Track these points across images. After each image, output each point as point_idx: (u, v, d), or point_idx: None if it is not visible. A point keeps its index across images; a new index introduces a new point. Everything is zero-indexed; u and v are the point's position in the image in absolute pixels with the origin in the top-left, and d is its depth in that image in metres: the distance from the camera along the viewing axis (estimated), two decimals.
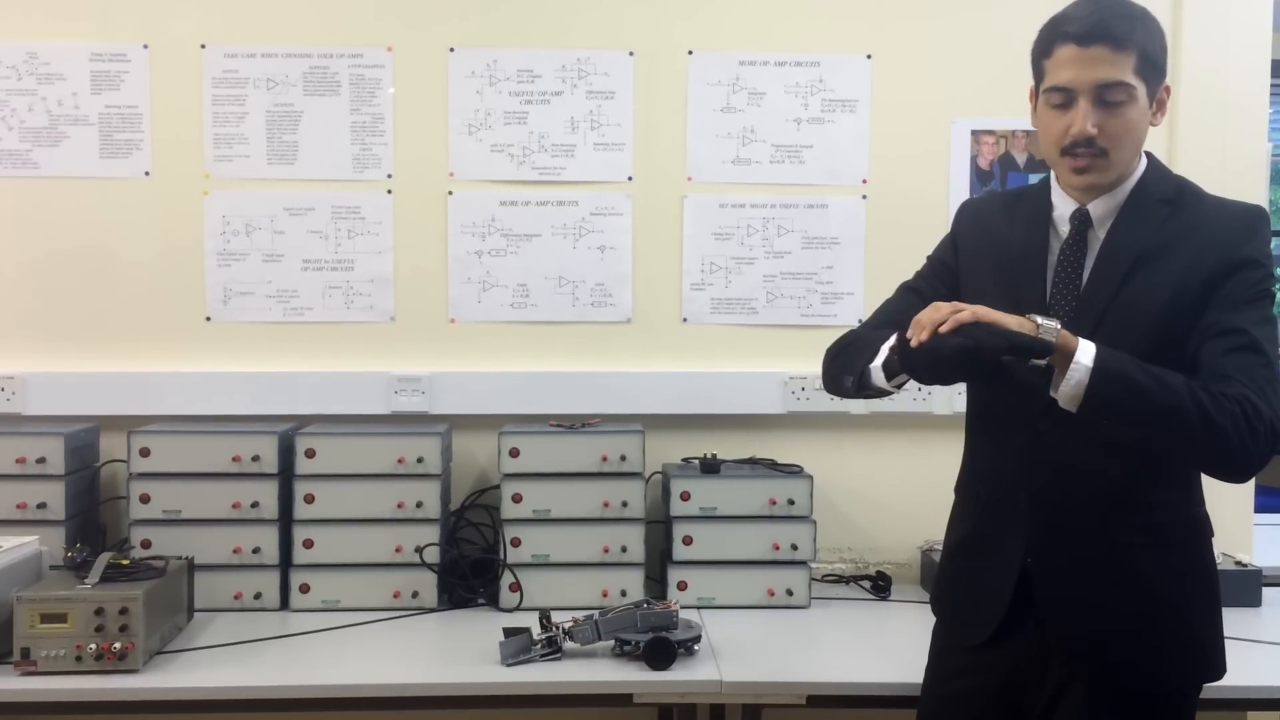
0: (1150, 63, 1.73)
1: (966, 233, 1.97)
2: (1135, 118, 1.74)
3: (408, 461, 2.56)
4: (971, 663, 1.86)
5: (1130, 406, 1.62)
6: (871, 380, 1.82)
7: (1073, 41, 1.71)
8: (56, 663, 2.09)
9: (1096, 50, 1.70)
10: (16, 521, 2.49)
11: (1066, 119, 1.74)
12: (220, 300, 2.82)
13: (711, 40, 2.85)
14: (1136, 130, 1.76)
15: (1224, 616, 1.83)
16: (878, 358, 1.80)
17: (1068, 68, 1.72)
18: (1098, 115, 1.72)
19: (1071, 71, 1.72)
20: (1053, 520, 1.77)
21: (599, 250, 2.86)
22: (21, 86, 2.78)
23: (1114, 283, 1.74)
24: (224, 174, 2.81)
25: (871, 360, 1.82)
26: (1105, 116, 1.72)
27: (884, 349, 1.79)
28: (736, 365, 2.87)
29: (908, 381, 1.79)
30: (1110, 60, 1.70)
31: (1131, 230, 1.77)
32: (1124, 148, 1.75)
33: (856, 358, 1.87)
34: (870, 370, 1.82)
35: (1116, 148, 1.74)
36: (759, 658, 2.27)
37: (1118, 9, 1.73)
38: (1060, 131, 1.75)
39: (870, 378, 1.82)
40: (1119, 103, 1.72)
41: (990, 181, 2.89)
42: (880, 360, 1.80)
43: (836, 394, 1.96)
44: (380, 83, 2.82)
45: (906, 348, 1.68)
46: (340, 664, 2.24)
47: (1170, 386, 1.62)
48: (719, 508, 2.61)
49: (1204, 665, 1.80)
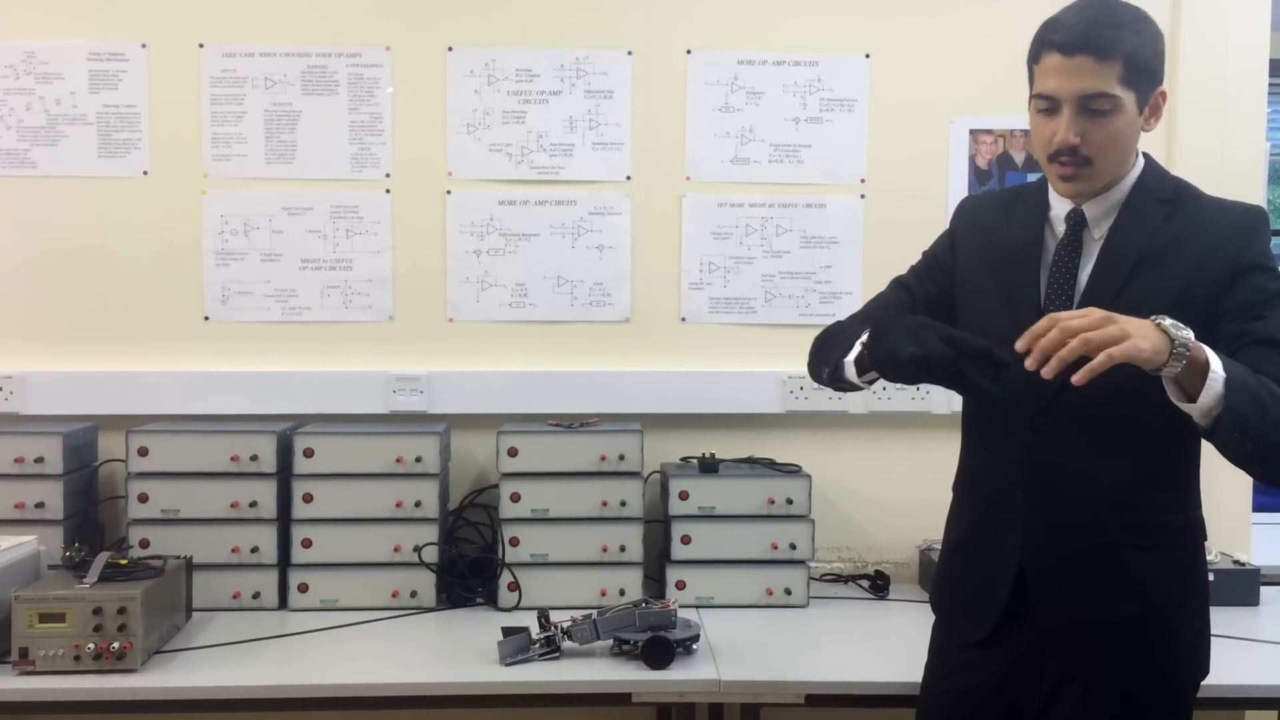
0: (1140, 70, 1.71)
1: (964, 230, 1.97)
2: (1120, 127, 1.73)
3: (406, 461, 2.56)
4: (970, 659, 1.86)
5: (1254, 420, 1.56)
6: (844, 374, 1.84)
7: (1057, 50, 1.70)
8: (55, 662, 2.09)
9: (1080, 60, 1.69)
10: (15, 521, 2.48)
11: (1051, 126, 1.73)
12: (219, 300, 2.82)
13: (710, 40, 2.85)
14: (1122, 139, 1.74)
15: (1223, 616, 1.84)
16: (850, 353, 1.82)
17: (1052, 76, 1.71)
18: (1081, 125, 1.71)
19: (1055, 80, 1.71)
20: (1049, 519, 1.78)
21: (597, 250, 2.86)
22: (19, 86, 2.78)
23: (1115, 285, 1.74)
24: (222, 173, 2.81)
25: (845, 355, 1.83)
26: (1089, 126, 1.71)
27: (857, 345, 1.80)
28: (735, 365, 2.87)
29: (878, 379, 1.80)
30: (1094, 71, 1.69)
31: (1131, 232, 1.77)
32: (1109, 156, 1.74)
33: (834, 350, 1.88)
34: (844, 364, 1.83)
35: (1101, 157, 1.73)
36: (757, 657, 2.27)
37: (1107, 16, 1.70)
38: (1046, 138, 1.75)
39: (843, 371, 1.84)
40: (1103, 112, 1.70)
41: (989, 181, 2.89)
42: (853, 355, 1.81)
43: (816, 382, 1.97)
44: (379, 82, 2.82)
45: (874, 346, 1.72)
46: (339, 663, 2.24)
47: (1275, 395, 1.58)
48: (717, 507, 2.61)
49: (1196, 665, 1.80)
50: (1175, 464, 1.79)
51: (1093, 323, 1.53)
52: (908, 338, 1.66)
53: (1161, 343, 1.54)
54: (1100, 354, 1.50)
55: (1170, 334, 1.54)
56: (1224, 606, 1.85)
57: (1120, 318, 1.55)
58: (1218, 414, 1.55)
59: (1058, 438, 1.76)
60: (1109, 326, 1.52)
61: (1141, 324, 1.55)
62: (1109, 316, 1.54)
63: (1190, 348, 1.54)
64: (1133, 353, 1.51)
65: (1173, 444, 1.76)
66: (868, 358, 1.77)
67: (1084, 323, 1.53)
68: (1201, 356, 1.55)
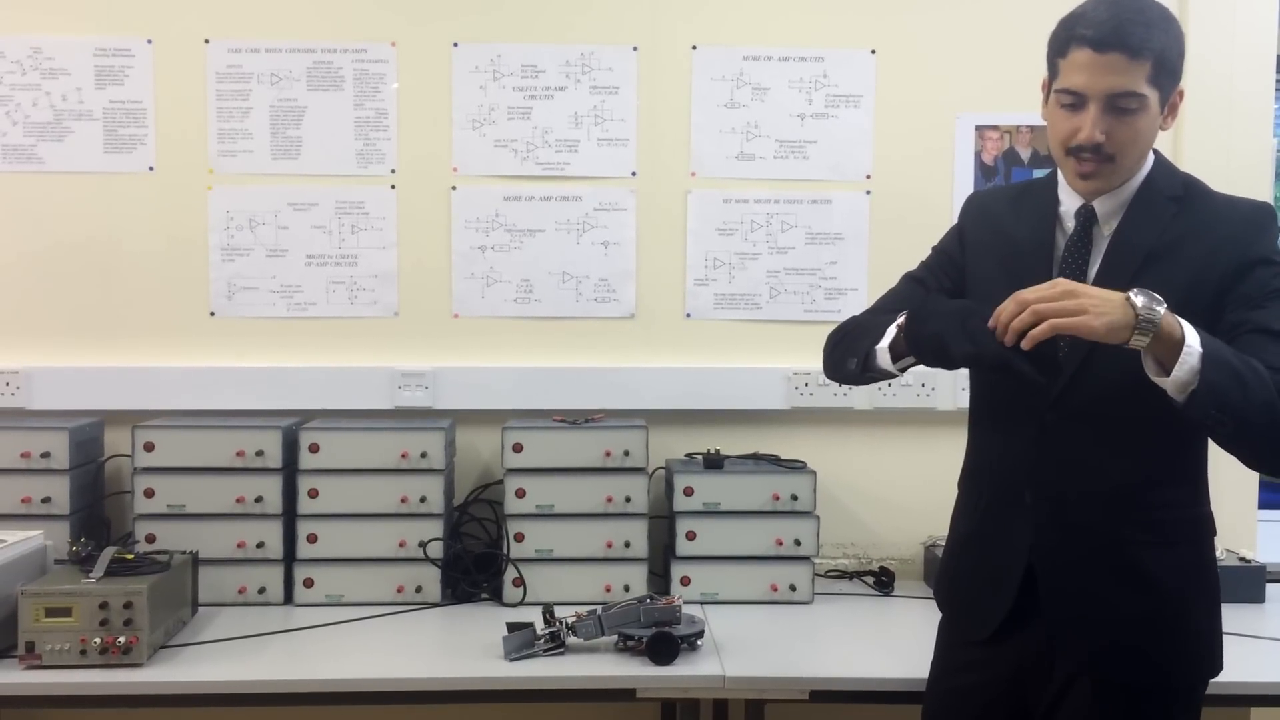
0: (1166, 69, 1.70)
1: (973, 225, 1.97)
2: (1144, 126, 1.72)
3: (411, 456, 2.57)
4: (977, 658, 1.86)
5: (1233, 396, 1.54)
6: (876, 362, 1.81)
7: (1088, 46, 1.68)
8: (61, 657, 2.09)
9: (1111, 57, 1.67)
10: (21, 516, 2.49)
11: (1075, 121, 1.72)
12: (224, 295, 2.83)
13: (715, 35, 2.85)
14: (1145, 137, 1.74)
15: (1228, 613, 1.83)
16: (884, 339, 1.80)
17: (1081, 72, 1.69)
18: (1107, 122, 1.70)
19: (1084, 77, 1.69)
20: (1058, 516, 1.77)
21: (602, 246, 2.86)
22: (26, 81, 2.78)
23: (1123, 280, 1.72)
24: (228, 169, 2.81)
25: (877, 342, 1.81)
26: (1114, 124, 1.70)
27: (890, 330, 1.79)
28: (740, 361, 2.87)
29: (914, 364, 1.79)
30: (1125, 69, 1.67)
31: (1140, 228, 1.76)
32: (1131, 154, 1.74)
33: (860, 340, 1.86)
34: (875, 352, 1.81)
35: (1123, 155, 1.73)
36: (762, 653, 2.27)
37: (1137, 14, 1.68)
38: (1068, 133, 1.73)
39: (875, 359, 1.81)
40: (1130, 111, 1.70)
41: (994, 177, 2.88)
42: (887, 342, 1.79)
43: (838, 378, 1.95)
44: (384, 78, 2.82)
45: (916, 331, 1.71)
46: (344, 658, 2.24)
47: (1259, 375, 1.57)
48: (722, 503, 2.62)
49: (1207, 662, 1.80)
50: (1184, 460, 1.78)
51: (1047, 295, 1.55)
52: (957, 328, 1.64)
53: (1122, 317, 1.53)
54: (1044, 324, 1.52)
55: (1136, 307, 1.54)
56: (1229, 604, 1.84)
57: (1085, 290, 1.56)
58: (1193, 389, 1.54)
59: (1066, 435, 1.76)
60: (1065, 300, 1.54)
61: (1107, 297, 1.55)
62: (1071, 290, 1.56)
63: (1158, 322, 1.53)
64: (1081, 327, 1.52)
65: (1182, 440, 1.75)
66: (905, 343, 1.74)
67: (1039, 294, 1.55)
68: (1176, 331, 1.54)
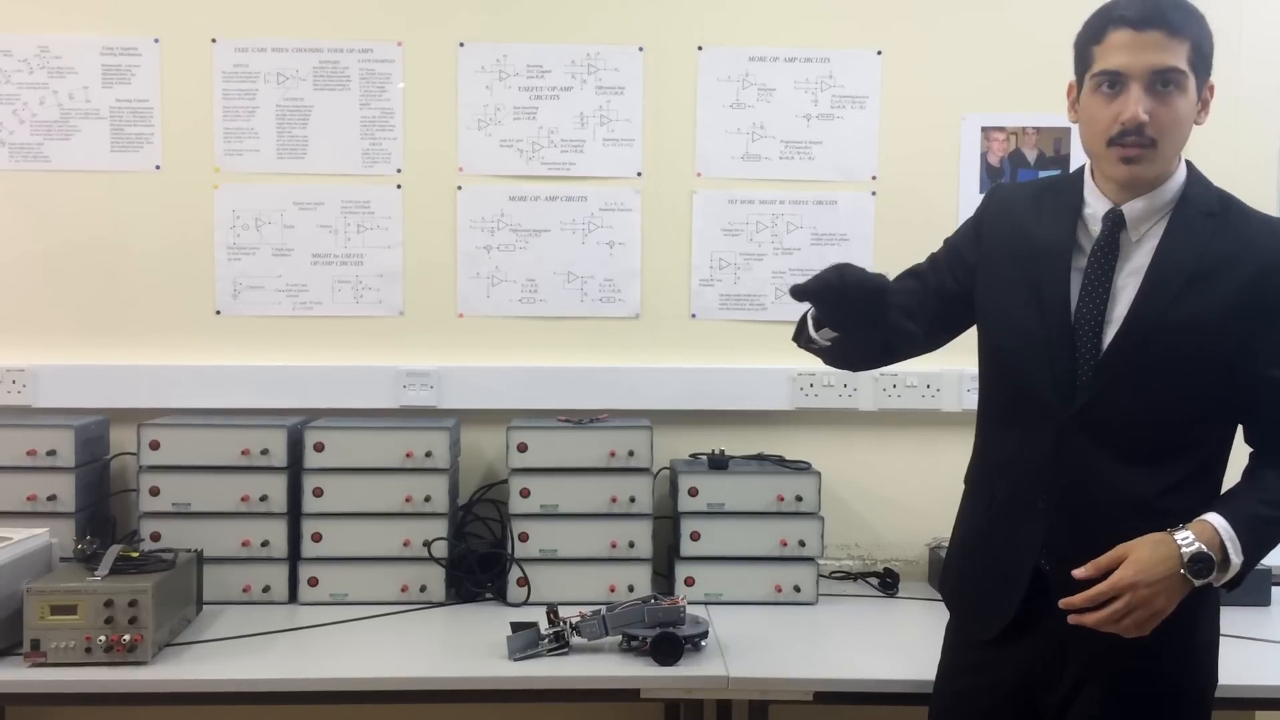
0: (1201, 56, 1.70)
1: (992, 218, 1.91)
2: (1185, 110, 1.71)
3: (416, 456, 2.57)
4: (985, 660, 1.85)
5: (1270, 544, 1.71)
6: (808, 330, 1.80)
7: (1128, 25, 1.67)
8: (66, 654, 2.10)
9: (1152, 35, 1.66)
10: (27, 513, 2.49)
11: (1116, 106, 1.69)
12: (230, 294, 2.83)
13: (721, 35, 2.85)
14: (1184, 123, 1.72)
15: (1233, 616, 1.84)
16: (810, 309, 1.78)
17: (1121, 52, 1.68)
18: (1149, 102, 1.68)
19: (1125, 56, 1.67)
20: (1072, 525, 1.75)
21: (608, 246, 2.86)
22: (33, 80, 2.79)
23: (1164, 303, 1.70)
24: (234, 168, 2.82)
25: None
26: (1156, 105, 1.68)
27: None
28: (745, 361, 2.87)
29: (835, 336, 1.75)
30: (1165, 46, 1.66)
31: (1180, 247, 1.72)
32: (1171, 140, 1.72)
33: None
34: (808, 319, 1.80)
35: (1165, 139, 1.70)
36: (766, 654, 2.27)
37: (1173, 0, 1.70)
38: (1109, 119, 1.70)
39: (807, 326, 1.80)
40: (1171, 91, 1.68)
41: (1000, 178, 2.87)
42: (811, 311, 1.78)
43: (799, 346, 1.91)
44: (390, 77, 2.82)
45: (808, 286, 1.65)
46: (348, 657, 2.24)
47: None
48: (727, 503, 2.61)
49: (1211, 669, 1.80)
50: (1203, 470, 1.77)
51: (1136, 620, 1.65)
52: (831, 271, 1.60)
53: (1182, 590, 1.65)
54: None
55: (1195, 584, 1.65)
56: (1235, 607, 1.84)
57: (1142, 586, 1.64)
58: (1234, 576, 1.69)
59: (1086, 443, 1.74)
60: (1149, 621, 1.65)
61: (1167, 586, 1.64)
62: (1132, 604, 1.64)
63: (1212, 577, 1.66)
64: (1159, 619, 1.66)
65: (1203, 450, 1.75)
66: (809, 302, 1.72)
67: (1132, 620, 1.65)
68: (1216, 541, 1.65)
